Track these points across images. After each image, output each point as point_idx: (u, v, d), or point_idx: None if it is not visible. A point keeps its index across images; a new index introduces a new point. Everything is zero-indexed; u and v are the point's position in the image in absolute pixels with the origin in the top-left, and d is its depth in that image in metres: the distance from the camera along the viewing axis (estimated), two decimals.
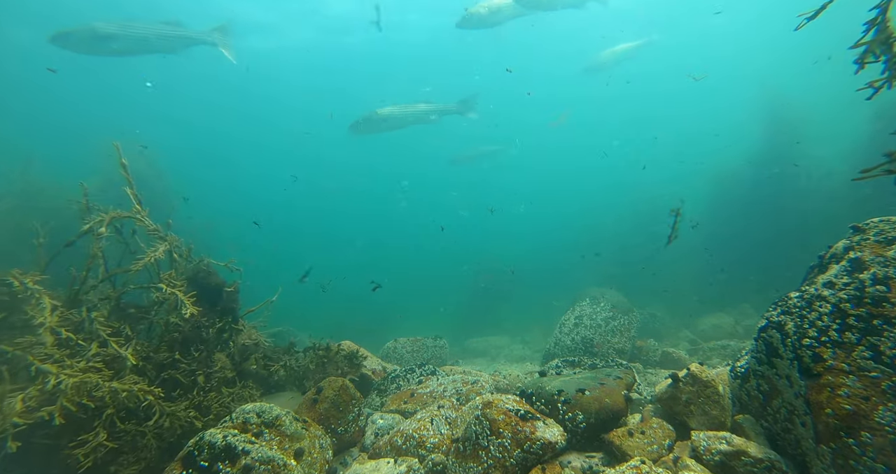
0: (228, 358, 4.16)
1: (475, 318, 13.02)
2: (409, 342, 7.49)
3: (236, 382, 4.11)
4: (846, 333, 2.45)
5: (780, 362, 2.72)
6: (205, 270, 4.24)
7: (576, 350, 6.83)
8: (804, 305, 2.72)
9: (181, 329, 3.84)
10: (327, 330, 10.61)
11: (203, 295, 4.14)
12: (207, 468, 2.55)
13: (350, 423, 3.69)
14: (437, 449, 3.26)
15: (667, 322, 9.26)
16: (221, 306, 4.35)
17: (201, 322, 3.98)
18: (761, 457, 2.61)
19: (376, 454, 3.43)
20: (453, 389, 4.45)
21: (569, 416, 3.20)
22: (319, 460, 3.05)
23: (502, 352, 9.72)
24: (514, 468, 2.82)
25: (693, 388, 3.22)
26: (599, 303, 7.62)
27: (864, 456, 2.15)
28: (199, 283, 4.18)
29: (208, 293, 4.25)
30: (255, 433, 2.85)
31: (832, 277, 2.77)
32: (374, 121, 9.95)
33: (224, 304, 4.37)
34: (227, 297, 4.42)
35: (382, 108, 10.01)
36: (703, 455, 2.75)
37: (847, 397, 2.29)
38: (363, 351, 5.51)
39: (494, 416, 2.98)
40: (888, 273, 2.54)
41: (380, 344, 7.78)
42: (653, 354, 6.71)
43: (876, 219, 3.02)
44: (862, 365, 2.33)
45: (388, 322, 13.17)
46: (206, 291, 4.21)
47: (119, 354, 3.21)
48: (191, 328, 3.88)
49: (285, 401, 4.07)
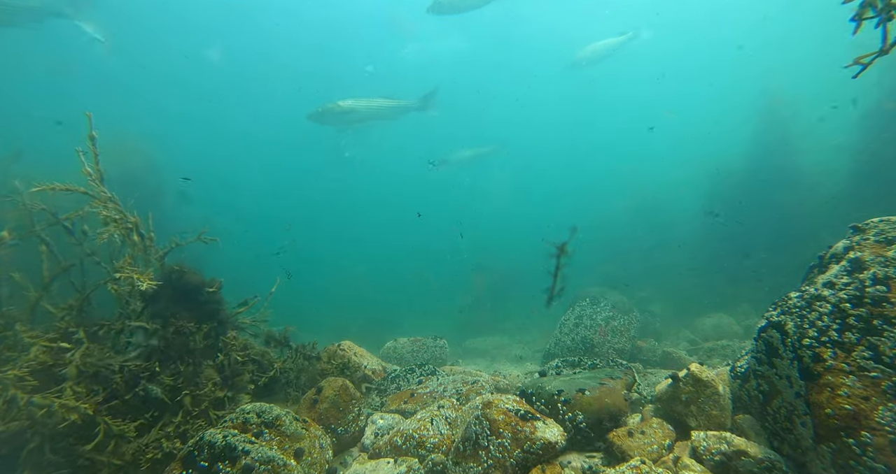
0: (218, 373, 3.59)
1: (475, 318, 13.02)
2: (409, 342, 7.48)
3: (226, 404, 3.52)
4: (846, 333, 2.45)
5: (780, 362, 2.72)
6: (177, 270, 3.60)
7: (576, 350, 6.83)
8: (804, 305, 2.72)
9: (163, 334, 3.33)
10: (330, 329, 10.59)
11: (180, 298, 3.60)
12: (207, 468, 2.55)
13: (350, 423, 3.69)
14: (437, 449, 3.26)
15: (667, 322, 9.25)
16: (204, 309, 3.76)
17: (187, 327, 3.45)
18: (761, 457, 2.61)
19: (376, 454, 3.43)
20: (453, 389, 4.45)
21: (569, 416, 3.20)
22: (319, 460, 3.05)
23: (502, 353, 9.71)
24: (515, 468, 2.82)
25: (693, 388, 3.22)
26: (599, 302, 7.61)
27: (864, 456, 2.15)
28: (173, 285, 3.61)
29: (186, 295, 3.65)
30: (255, 433, 2.85)
31: (832, 277, 2.77)
32: (335, 114, 9.75)
33: (207, 306, 3.79)
34: (208, 298, 3.80)
35: (344, 101, 9.81)
36: (703, 455, 2.75)
37: (847, 397, 2.29)
38: (361, 350, 5.50)
39: (494, 416, 2.98)
40: (888, 273, 2.54)
41: (380, 343, 7.78)
42: (653, 354, 6.71)
43: (876, 219, 3.02)
44: (862, 366, 2.33)
45: (388, 322, 13.15)
46: (183, 294, 3.63)
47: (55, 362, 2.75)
48: (173, 333, 3.36)
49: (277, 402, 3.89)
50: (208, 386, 3.40)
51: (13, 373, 2.66)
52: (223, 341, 3.78)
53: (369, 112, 10.18)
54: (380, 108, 10.27)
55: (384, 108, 10.34)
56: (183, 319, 3.52)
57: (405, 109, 10.68)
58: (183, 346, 3.40)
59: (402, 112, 10.69)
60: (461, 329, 12.00)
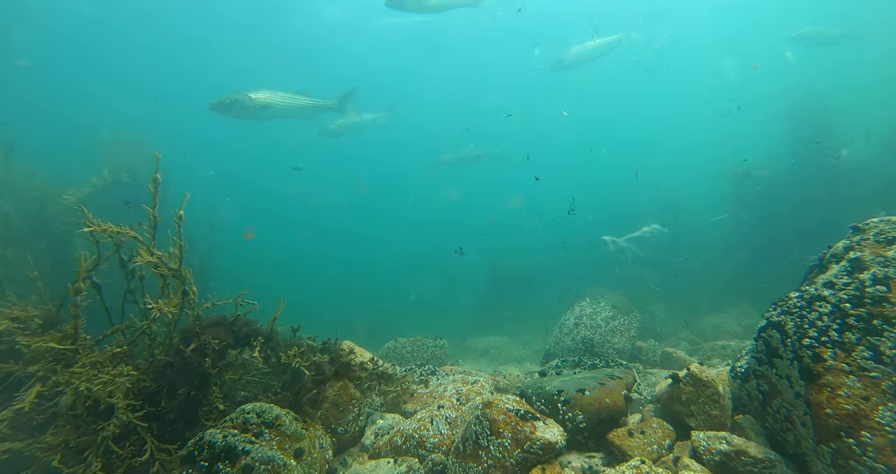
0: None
1: (475, 318, 13.02)
2: (409, 342, 7.48)
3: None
4: (846, 333, 2.45)
5: (780, 362, 2.72)
6: (192, 331, 3.18)
7: (576, 350, 6.83)
8: (804, 305, 2.72)
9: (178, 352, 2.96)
10: (335, 327, 10.57)
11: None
12: (207, 468, 2.55)
13: (350, 423, 3.69)
14: (437, 449, 3.26)
15: (667, 322, 9.25)
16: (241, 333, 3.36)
17: (211, 344, 3.07)
18: (761, 457, 2.61)
19: (376, 454, 3.43)
20: (453, 389, 4.45)
21: (569, 416, 3.20)
22: (319, 460, 3.05)
23: (502, 353, 9.72)
24: (515, 468, 2.82)
25: (693, 388, 3.22)
26: (599, 302, 7.61)
27: (864, 456, 2.15)
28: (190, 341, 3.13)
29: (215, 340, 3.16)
30: (255, 433, 2.85)
31: (832, 277, 2.78)
32: (246, 106, 8.73)
33: (244, 329, 3.38)
34: (228, 333, 3.32)
35: (257, 92, 8.82)
36: (703, 455, 2.75)
37: (847, 397, 2.29)
38: (361, 350, 5.50)
39: (494, 416, 2.99)
40: (888, 273, 2.54)
41: (381, 343, 7.78)
42: (653, 354, 6.71)
43: (876, 219, 3.02)
44: (862, 366, 2.33)
45: (388, 322, 13.15)
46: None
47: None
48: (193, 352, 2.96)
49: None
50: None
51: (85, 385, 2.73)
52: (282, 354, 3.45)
53: (284, 109, 9.25)
54: (297, 105, 9.38)
55: (301, 105, 9.46)
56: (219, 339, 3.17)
57: (322, 109, 9.87)
58: (195, 369, 3.06)
59: (319, 111, 9.90)
60: (462, 329, 12.01)
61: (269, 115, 9.10)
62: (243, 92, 8.67)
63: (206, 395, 3.07)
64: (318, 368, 3.57)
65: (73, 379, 2.72)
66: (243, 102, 8.63)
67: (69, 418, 2.74)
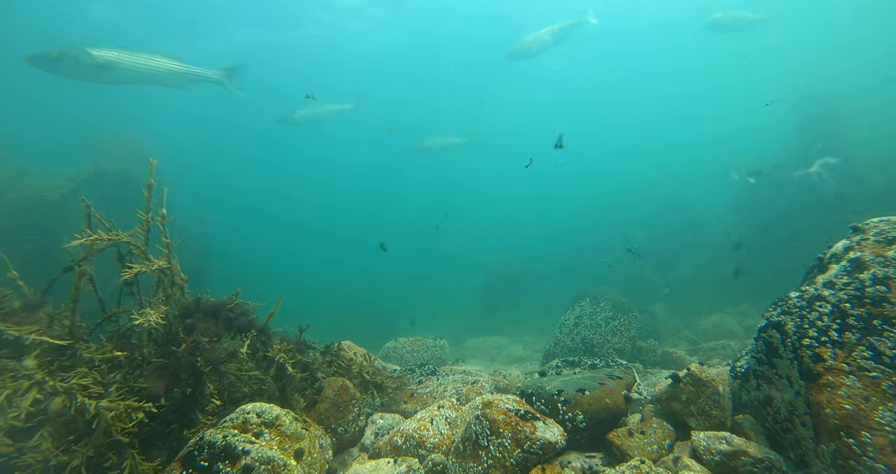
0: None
1: (476, 318, 13.04)
2: (409, 342, 7.49)
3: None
4: (846, 333, 2.45)
5: (780, 362, 2.72)
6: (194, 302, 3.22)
7: (576, 350, 6.83)
8: (804, 305, 2.72)
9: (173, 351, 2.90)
10: (331, 330, 10.59)
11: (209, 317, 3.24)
12: (207, 468, 2.55)
13: (350, 423, 3.69)
14: (437, 449, 3.26)
15: (667, 322, 9.25)
16: (235, 324, 3.40)
17: (201, 342, 3.06)
18: (761, 457, 2.61)
19: (376, 454, 3.43)
20: (453, 389, 4.45)
21: (569, 416, 3.20)
22: (319, 460, 3.05)
23: (502, 352, 9.72)
24: (515, 468, 2.82)
25: (693, 388, 3.22)
26: (599, 302, 7.61)
27: (864, 455, 2.15)
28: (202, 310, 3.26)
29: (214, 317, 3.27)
30: (255, 433, 2.85)
31: (832, 277, 2.78)
32: (81, 63, 7.03)
33: (239, 320, 3.41)
34: (237, 312, 3.41)
35: (101, 49, 7.13)
36: (703, 455, 2.75)
37: (847, 397, 2.29)
38: (361, 350, 5.50)
39: (494, 416, 2.98)
40: (888, 273, 2.54)
41: (381, 343, 7.78)
42: (653, 354, 6.71)
43: (876, 219, 3.02)
44: (862, 366, 2.33)
45: (388, 322, 13.16)
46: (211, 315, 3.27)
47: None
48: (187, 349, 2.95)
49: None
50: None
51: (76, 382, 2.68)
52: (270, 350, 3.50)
53: (139, 73, 7.57)
54: (160, 69, 7.74)
55: (167, 71, 7.83)
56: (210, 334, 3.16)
57: (199, 79, 8.28)
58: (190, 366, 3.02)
59: (195, 81, 8.28)
60: (461, 329, 12.02)
61: (115, 78, 7.45)
62: (79, 46, 6.95)
63: (201, 392, 3.07)
64: (304, 367, 3.63)
65: (77, 394, 2.63)
66: (77, 58, 6.91)
67: (57, 426, 2.68)
